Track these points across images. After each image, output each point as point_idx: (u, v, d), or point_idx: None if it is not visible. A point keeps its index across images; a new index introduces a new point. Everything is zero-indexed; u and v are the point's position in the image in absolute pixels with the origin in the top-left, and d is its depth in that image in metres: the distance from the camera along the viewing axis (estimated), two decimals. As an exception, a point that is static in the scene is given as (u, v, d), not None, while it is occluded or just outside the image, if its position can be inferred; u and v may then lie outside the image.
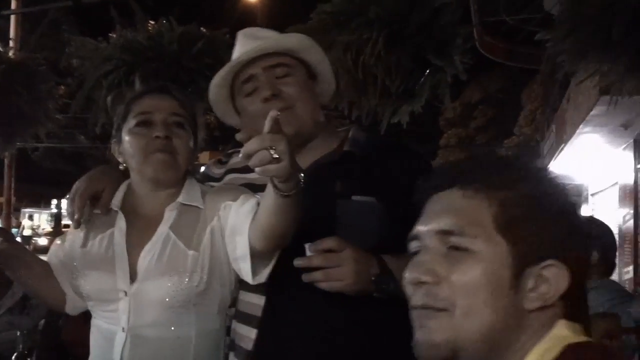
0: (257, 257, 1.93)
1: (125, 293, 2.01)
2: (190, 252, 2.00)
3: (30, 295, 2.25)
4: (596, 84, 3.74)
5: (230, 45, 4.01)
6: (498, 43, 15.32)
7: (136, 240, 2.06)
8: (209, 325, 2.06)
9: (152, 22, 3.96)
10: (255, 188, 2.08)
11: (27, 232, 30.67)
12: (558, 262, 1.08)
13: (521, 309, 1.09)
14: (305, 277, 1.91)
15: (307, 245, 1.90)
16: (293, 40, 2.14)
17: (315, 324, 2.01)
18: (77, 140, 26.33)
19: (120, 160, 2.14)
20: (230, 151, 2.37)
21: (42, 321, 4.25)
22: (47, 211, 39.10)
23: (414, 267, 1.17)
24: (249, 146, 1.58)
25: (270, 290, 2.06)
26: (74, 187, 2.13)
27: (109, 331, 2.04)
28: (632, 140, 10.00)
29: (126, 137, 2.07)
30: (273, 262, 1.95)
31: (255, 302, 2.11)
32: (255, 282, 1.97)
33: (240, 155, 1.65)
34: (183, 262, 1.99)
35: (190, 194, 2.09)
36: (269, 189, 1.74)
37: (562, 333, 1.09)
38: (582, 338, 1.09)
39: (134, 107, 2.08)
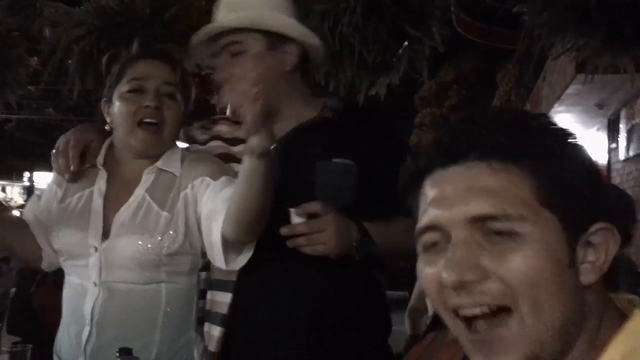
0: (229, 246, 1.98)
1: (96, 249, 2.05)
2: (164, 214, 2.06)
3: (7, 251, 2.29)
4: (572, 59, 3.75)
5: (206, 12, 3.99)
6: (474, 22, 15.37)
7: (113, 200, 2.11)
8: (180, 284, 2.10)
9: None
10: (231, 159, 2.19)
11: (-2, 204, 30.37)
12: (606, 224, 0.97)
13: (580, 287, 0.97)
14: (290, 243, 1.98)
15: (292, 210, 1.98)
16: (238, 18, 2.12)
17: (291, 285, 2.06)
18: (49, 113, 26.12)
19: (107, 120, 2.17)
20: (214, 117, 2.42)
21: (13, 289, 4.23)
22: (20, 184, 38.73)
23: (451, 267, 0.96)
24: None
25: None
26: (61, 140, 2.17)
27: (80, 285, 2.09)
28: (605, 120, 10.09)
29: (117, 101, 2.11)
30: (249, 252, 2.00)
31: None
32: (229, 269, 2.03)
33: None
34: (155, 223, 2.04)
35: (169, 160, 2.14)
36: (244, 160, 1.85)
37: None
38: None
39: (128, 71, 2.13)
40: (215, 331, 2.12)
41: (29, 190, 31.43)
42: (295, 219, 1.97)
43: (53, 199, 2.24)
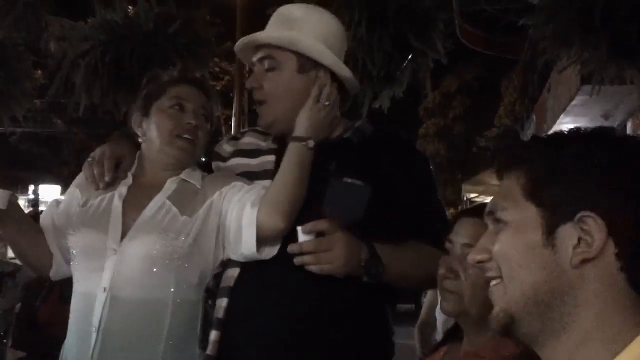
0: (262, 234, 2.07)
1: (115, 251, 2.11)
2: (183, 217, 2.15)
3: (17, 256, 2.35)
4: (578, 72, 3.74)
5: (208, 25, 4.00)
6: (478, 32, 15.39)
7: (133, 205, 2.20)
8: (187, 295, 2.15)
9: (132, 7, 3.94)
10: (251, 176, 2.23)
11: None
12: (591, 214, 1.10)
13: (566, 268, 1.11)
14: (297, 261, 1.98)
15: (299, 228, 1.98)
16: (275, 36, 2.21)
17: (288, 298, 2.07)
18: (54, 125, 26.16)
19: (139, 133, 2.28)
20: (244, 130, 2.53)
21: (19, 305, 4.24)
22: (25, 197, 38.83)
23: (475, 249, 1.26)
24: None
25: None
26: (98, 151, 2.31)
27: (88, 294, 2.11)
28: (611, 131, 10.07)
29: (156, 115, 2.24)
30: (278, 244, 2.08)
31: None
32: (260, 257, 2.08)
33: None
34: (172, 224, 2.13)
35: (191, 174, 2.26)
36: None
37: None
38: None
39: (170, 90, 2.26)
40: (212, 335, 2.14)
41: (34, 203, 31.50)
42: (303, 236, 1.98)
43: (74, 202, 2.31)
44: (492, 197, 1.27)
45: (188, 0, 4.05)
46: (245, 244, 2.08)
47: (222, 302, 2.14)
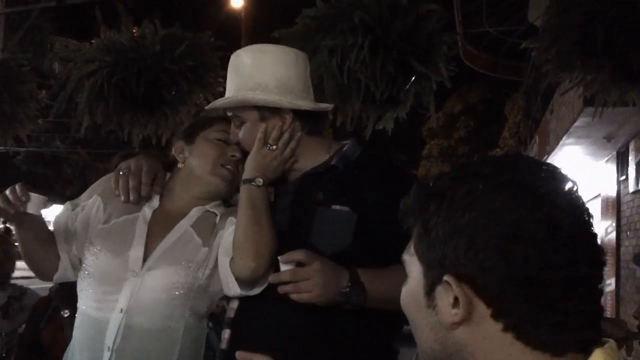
0: (242, 280, 2.11)
1: (135, 273, 2.14)
2: (203, 249, 2.18)
3: (24, 257, 2.34)
4: (580, 95, 3.76)
5: (214, 48, 4.02)
6: (481, 54, 15.46)
7: (156, 230, 2.23)
8: (196, 322, 2.20)
9: (136, 28, 3.96)
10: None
11: (6, 236, 30.45)
12: (451, 277, 1.06)
13: (447, 328, 1.09)
14: (280, 290, 2.03)
15: (279, 258, 2.03)
16: (225, 102, 2.28)
17: (279, 326, 2.10)
18: (56, 145, 26.23)
19: (179, 159, 2.34)
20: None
21: (23, 325, 4.23)
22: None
23: None
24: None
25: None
26: (132, 163, 2.33)
27: (101, 316, 2.12)
28: (614, 153, 10.07)
29: (202, 143, 2.31)
30: (263, 282, 2.11)
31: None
32: (245, 293, 2.13)
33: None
34: (193, 255, 2.16)
35: (216, 207, 2.30)
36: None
37: None
38: None
39: (217, 124, 2.35)
40: None
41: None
42: (283, 266, 2.03)
43: (95, 213, 2.31)
44: None
45: (193, 21, 4.07)
46: (232, 287, 2.13)
47: (225, 334, 2.19)
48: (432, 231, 1.10)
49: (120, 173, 2.31)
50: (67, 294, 3.63)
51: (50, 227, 2.34)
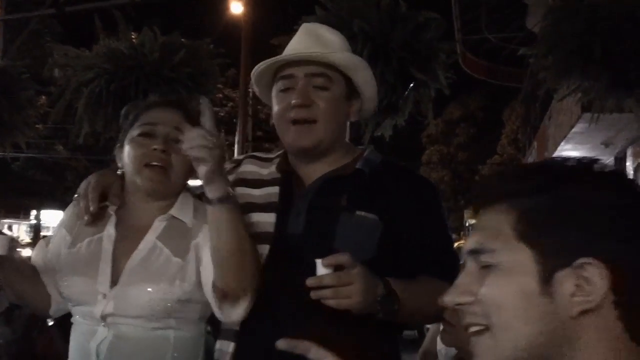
0: (222, 297, 1.97)
1: (104, 295, 2.02)
2: (175, 260, 2.03)
3: (15, 300, 2.26)
4: (578, 101, 3.77)
5: (213, 55, 4.03)
6: (480, 61, 15.49)
7: (123, 246, 2.08)
8: (189, 331, 2.07)
9: (135, 34, 3.96)
10: (254, 208, 2.12)
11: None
12: (594, 260, 1.00)
13: (564, 318, 1.02)
14: (314, 295, 1.86)
15: (318, 261, 1.85)
16: (344, 57, 2.10)
17: (294, 333, 1.99)
18: (57, 151, 26.20)
19: (119, 165, 2.16)
20: (240, 157, 2.40)
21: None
22: (26, 222, 38.79)
23: (452, 290, 1.14)
24: None
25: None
26: (83, 185, 2.18)
27: (88, 326, 2.06)
28: (612, 159, 10.08)
29: (127, 145, 2.09)
30: (245, 304, 1.97)
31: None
32: (225, 320, 2.01)
33: None
34: (166, 270, 2.01)
35: (182, 208, 2.12)
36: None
37: None
38: None
39: (141, 117, 2.12)
40: None
41: (36, 229, 31.47)
42: (322, 270, 1.86)
43: (62, 243, 2.20)
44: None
45: (193, 29, 4.07)
46: (214, 308, 2.03)
47: (229, 347, 2.08)
48: (560, 214, 1.04)
49: (75, 196, 2.20)
50: None
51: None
